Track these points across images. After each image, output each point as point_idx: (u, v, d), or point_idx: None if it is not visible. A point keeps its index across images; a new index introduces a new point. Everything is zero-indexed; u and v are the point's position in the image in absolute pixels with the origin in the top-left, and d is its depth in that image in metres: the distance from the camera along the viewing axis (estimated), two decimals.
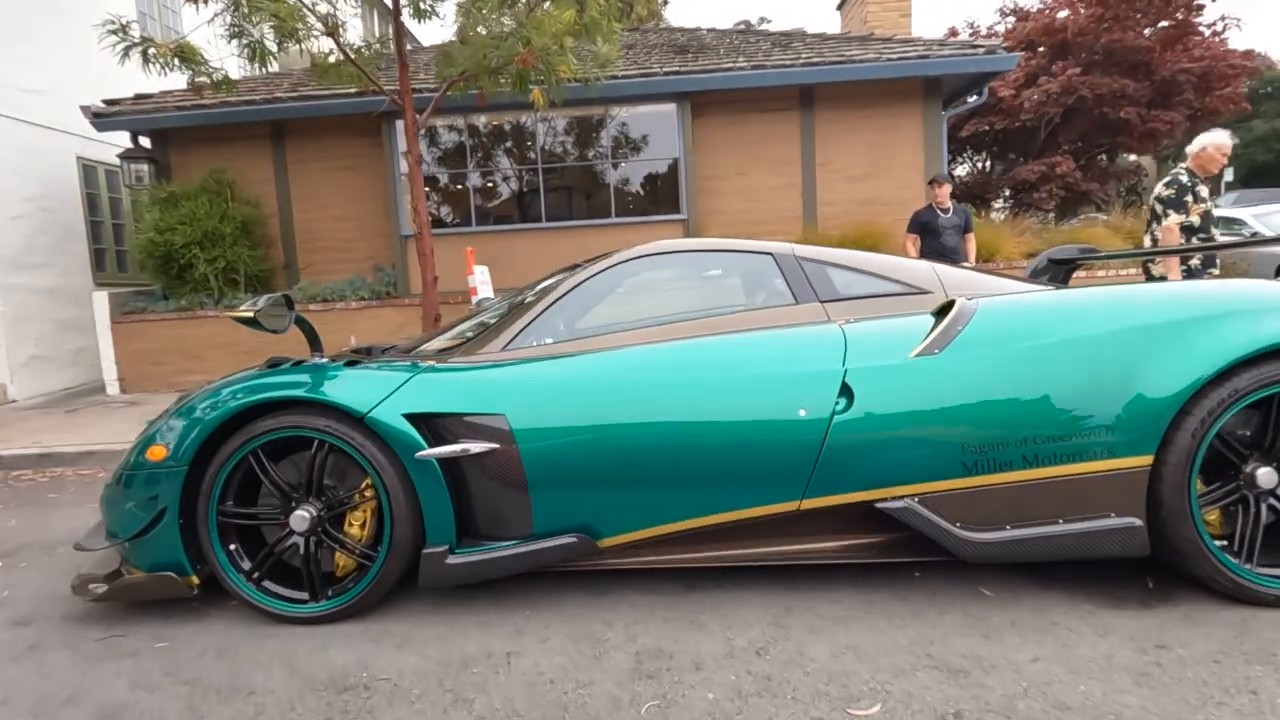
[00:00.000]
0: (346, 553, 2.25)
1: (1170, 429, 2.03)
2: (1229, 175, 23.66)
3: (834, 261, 2.57)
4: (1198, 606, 2.08)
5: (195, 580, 2.25)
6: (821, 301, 2.46)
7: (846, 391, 2.14)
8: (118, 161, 7.79)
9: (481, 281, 4.80)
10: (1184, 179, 4.23)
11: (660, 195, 7.82)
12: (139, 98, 7.85)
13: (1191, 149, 4.32)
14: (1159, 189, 4.33)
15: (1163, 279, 4.23)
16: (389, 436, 2.15)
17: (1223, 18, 14.45)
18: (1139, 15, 14.47)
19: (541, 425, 2.17)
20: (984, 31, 16.27)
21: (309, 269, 8.03)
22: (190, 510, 2.23)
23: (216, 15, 4.34)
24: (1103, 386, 2.06)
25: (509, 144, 7.86)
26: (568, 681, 1.86)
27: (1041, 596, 2.19)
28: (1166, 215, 4.21)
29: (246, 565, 2.25)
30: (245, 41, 4.34)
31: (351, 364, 2.34)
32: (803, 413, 2.14)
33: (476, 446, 2.16)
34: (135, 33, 4.67)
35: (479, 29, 5.14)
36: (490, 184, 8.04)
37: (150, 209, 7.36)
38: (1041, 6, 15.63)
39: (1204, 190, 4.25)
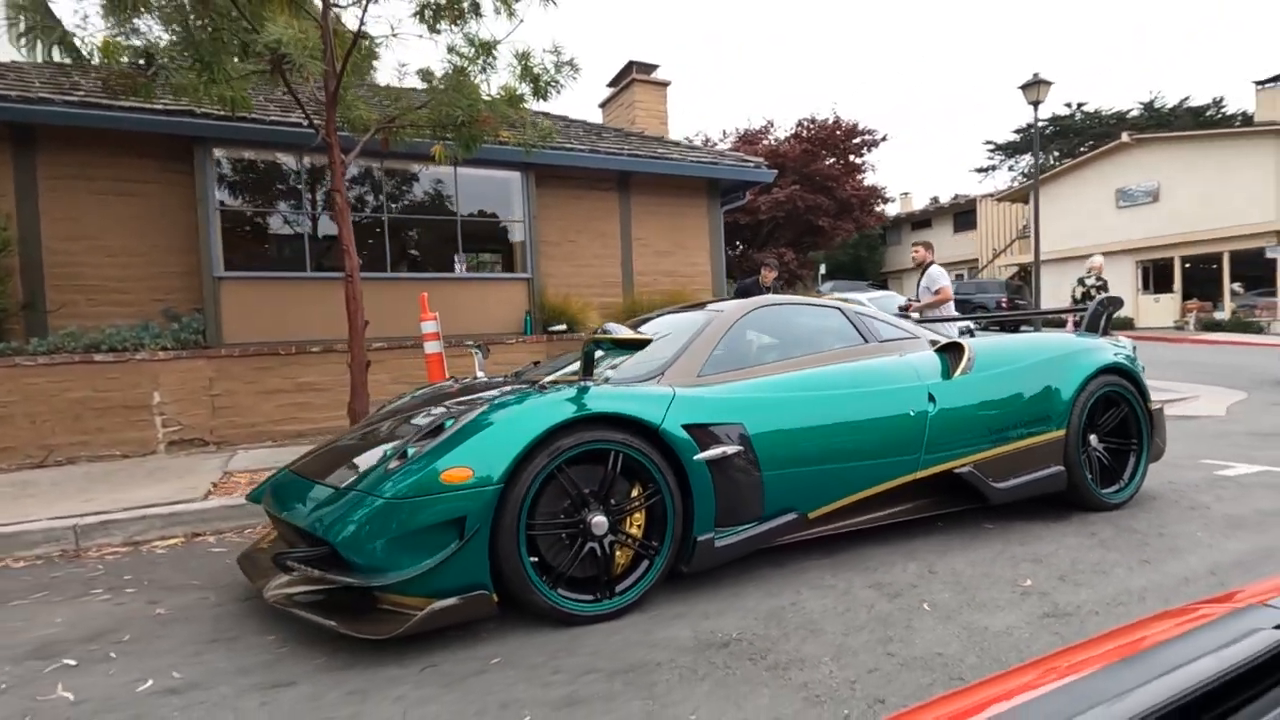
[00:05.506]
0: (628, 550, 2.54)
1: (1070, 414, 3.59)
2: (823, 269, 32.27)
3: (871, 315, 3.71)
4: (1082, 517, 3.63)
5: (496, 597, 2.30)
6: (880, 341, 3.57)
7: (931, 399, 3.26)
8: None
9: (438, 330, 4.76)
10: (1089, 278, 9.85)
11: (506, 255, 8.23)
12: None
13: (1095, 262, 10.08)
14: (1092, 280, 9.84)
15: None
16: (676, 444, 2.57)
17: (864, 162, 21.66)
18: (826, 153, 21.19)
19: (769, 428, 2.82)
20: (714, 144, 20.99)
21: (65, 310, 6.39)
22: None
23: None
24: (1043, 390, 3.55)
25: (359, 191, 7.49)
26: (859, 608, 2.54)
27: (1014, 523, 3.54)
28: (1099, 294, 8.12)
29: (541, 575, 2.38)
30: (192, 55, 3.72)
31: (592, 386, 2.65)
32: (911, 412, 3.18)
33: (731, 449, 2.71)
34: None
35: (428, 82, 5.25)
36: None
37: None
38: (756, 129, 21.07)
39: (1091, 280, 9.90)
